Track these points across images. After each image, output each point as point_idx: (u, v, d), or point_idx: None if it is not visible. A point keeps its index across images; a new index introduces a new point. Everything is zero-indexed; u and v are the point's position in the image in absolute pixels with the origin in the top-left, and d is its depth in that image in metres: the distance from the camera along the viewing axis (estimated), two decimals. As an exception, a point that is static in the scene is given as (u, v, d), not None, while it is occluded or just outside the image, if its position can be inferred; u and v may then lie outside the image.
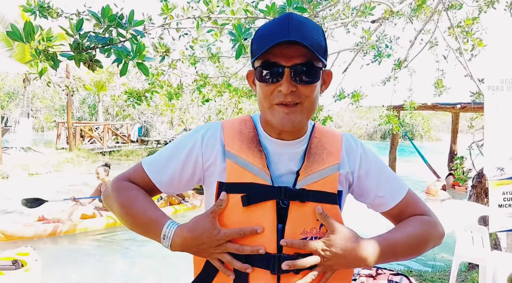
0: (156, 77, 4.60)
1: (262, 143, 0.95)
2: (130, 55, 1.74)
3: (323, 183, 0.91)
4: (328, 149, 0.96)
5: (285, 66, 0.85)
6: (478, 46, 4.47)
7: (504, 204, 2.93)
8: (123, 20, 1.79)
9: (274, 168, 0.92)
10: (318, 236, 0.89)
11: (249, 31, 2.25)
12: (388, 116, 5.80)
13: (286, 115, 0.87)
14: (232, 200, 0.88)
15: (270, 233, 0.87)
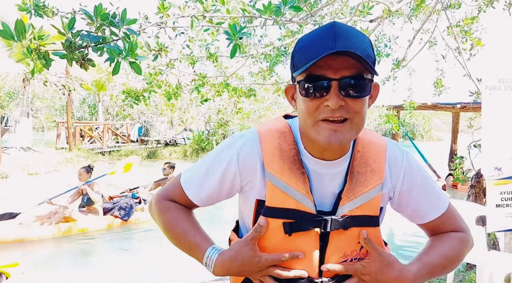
0: (154, 76, 4.59)
1: (304, 163, 0.89)
2: (122, 54, 1.73)
3: (366, 207, 0.89)
4: (371, 166, 0.91)
5: (332, 78, 0.78)
6: (477, 45, 4.46)
7: (502, 204, 2.92)
8: (116, 19, 1.77)
9: (317, 192, 0.88)
10: (358, 257, 0.89)
11: (244, 30, 2.24)
12: (388, 116, 5.78)
13: (333, 132, 0.80)
14: (274, 225, 0.86)
15: (312, 259, 0.87)
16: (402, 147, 0.98)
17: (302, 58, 0.81)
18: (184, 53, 3.93)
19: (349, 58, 0.78)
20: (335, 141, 0.80)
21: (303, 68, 0.79)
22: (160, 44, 3.75)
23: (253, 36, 5.61)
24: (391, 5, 3.86)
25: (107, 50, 1.74)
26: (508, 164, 2.90)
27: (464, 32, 4.66)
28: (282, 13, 2.37)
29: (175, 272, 4.69)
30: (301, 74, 0.81)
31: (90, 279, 4.53)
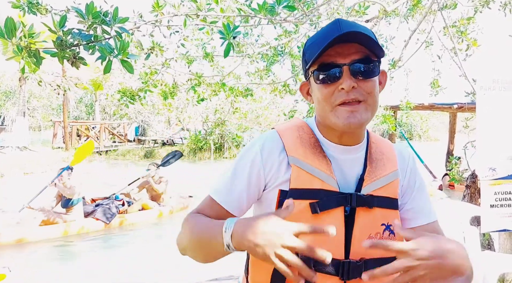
0: (150, 76, 4.57)
1: (324, 149, 0.93)
2: (114, 53, 1.72)
3: (387, 188, 0.92)
4: (387, 155, 0.97)
5: (343, 64, 0.85)
6: (473, 46, 4.47)
7: (496, 204, 2.92)
8: (107, 17, 1.76)
9: (339, 174, 0.92)
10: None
11: (239, 29, 2.23)
12: (384, 116, 5.79)
13: (351, 113, 0.85)
14: (299, 206, 0.86)
15: (338, 239, 0.87)
16: (409, 150, 1.04)
17: (313, 52, 0.87)
18: (180, 53, 3.92)
19: (355, 44, 0.85)
20: (354, 121, 0.85)
21: (315, 57, 0.85)
22: (156, 43, 3.74)
23: (250, 36, 5.60)
24: (387, 5, 3.85)
25: (98, 48, 1.73)
26: (502, 164, 2.91)
27: (460, 33, 4.67)
28: (277, 12, 2.37)
29: (157, 276, 4.66)
30: (313, 65, 0.88)
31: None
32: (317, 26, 4.60)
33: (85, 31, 1.76)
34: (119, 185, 10.64)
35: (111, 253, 5.48)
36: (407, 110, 6.21)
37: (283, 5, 2.26)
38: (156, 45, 3.80)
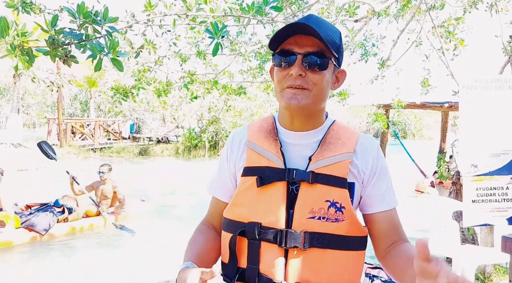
0: (143, 73, 4.62)
1: (279, 135, 1.04)
2: (104, 51, 1.78)
3: (333, 167, 0.97)
4: (343, 141, 1.01)
5: (298, 53, 0.94)
6: (460, 46, 4.56)
7: (478, 199, 3.02)
8: (98, 17, 1.82)
9: (289, 156, 1.00)
10: (326, 217, 0.93)
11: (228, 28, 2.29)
12: (376, 115, 5.88)
13: (293, 95, 0.94)
14: (249, 182, 0.98)
15: (280, 210, 0.95)
16: (375, 140, 1.08)
17: (276, 37, 0.96)
18: (173, 51, 3.97)
19: (314, 39, 0.93)
20: (294, 102, 0.95)
21: (279, 41, 0.96)
22: (148, 41, 3.80)
23: (244, 34, 5.66)
24: (376, 6, 3.93)
25: (89, 47, 1.79)
26: (484, 161, 3.00)
27: (448, 33, 4.76)
28: (265, 12, 2.43)
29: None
30: (277, 50, 0.98)
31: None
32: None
33: (77, 31, 1.82)
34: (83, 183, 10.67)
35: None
36: (398, 108, 6.30)
37: (270, 6, 2.32)
38: (149, 43, 3.86)
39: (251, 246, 0.95)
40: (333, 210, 0.94)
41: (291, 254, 0.93)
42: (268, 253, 0.94)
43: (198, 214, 1.12)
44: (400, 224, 1.04)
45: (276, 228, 0.93)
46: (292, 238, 0.92)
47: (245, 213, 0.98)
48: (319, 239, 0.93)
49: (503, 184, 3.04)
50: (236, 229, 0.97)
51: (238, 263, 0.97)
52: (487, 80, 3.00)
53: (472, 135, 3.01)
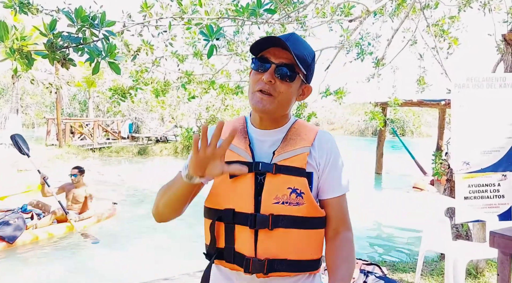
0: (140, 74, 4.67)
1: (249, 133, 1.17)
2: (101, 55, 1.83)
3: (293, 159, 1.11)
4: (302, 137, 1.16)
5: (272, 62, 1.07)
6: (454, 44, 4.61)
7: (470, 196, 3.08)
8: (96, 21, 1.87)
9: (257, 151, 1.14)
10: (289, 201, 1.08)
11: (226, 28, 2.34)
12: (373, 113, 5.93)
13: (260, 100, 1.07)
14: (222, 175, 1.06)
15: (249, 197, 1.09)
16: (331, 135, 1.22)
17: (258, 44, 1.09)
18: (170, 51, 4.02)
19: (289, 54, 1.07)
20: (259, 106, 1.08)
21: (259, 48, 1.09)
22: (146, 41, 3.85)
23: (241, 34, 5.70)
24: (370, 6, 3.98)
25: (87, 51, 1.83)
26: (475, 158, 3.05)
27: (442, 31, 4.81)
28: (260, 14, 2.48)
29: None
30: (256, 56, 1.11)
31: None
32: (304, 25, 4.72)
33: (74, 34, 1.87)
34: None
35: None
36: (395, 106, 6.36)
37: (264, 8, 2.37)
38: (146, 44, 3.90)
39: (227, 229, 1.10)
40: (294, 196, 1.09)
41: (260, 234, 1.08)
42: (241, 234, 1.09)
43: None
44: (347, 210, 1.19)
45: (247, 212, 1.08)
46: (261, 220, 1.07)
47: (221, 201, 1.12)
48: (283, 220, 1.08)
49: (494, 180, 3.09)
50: (215, 215, 1.12)
51: (217, 244, 1.13)
52: (479, 79, 3.05)
53: (464, 133, 3.06)
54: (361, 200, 8.17)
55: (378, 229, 6.85)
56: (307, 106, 5.52)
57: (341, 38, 4.95)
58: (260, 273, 1.08)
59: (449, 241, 2.80)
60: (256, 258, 1.08)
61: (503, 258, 2.05)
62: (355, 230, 1.21)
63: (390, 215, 7.27)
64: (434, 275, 3.39)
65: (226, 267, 1.14)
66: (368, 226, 6.79)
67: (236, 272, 1.13)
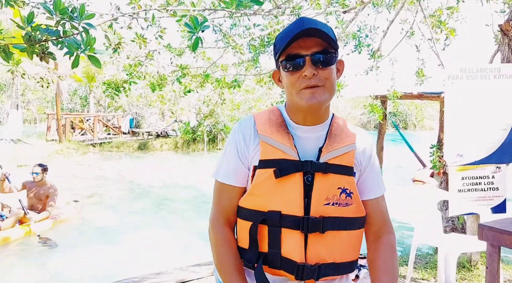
0: (134, 68, 4.64)
1: (289, 128, 1.10)
2: (80, 48, 1.80)
3: (342, 158, 1.07)
4: (346, 133, 1.13)
5: (306, 54, 1.02)
6: (450, 35, 4.55)
7: (463, 189, 3.05)
8: (75, 14, 1.84)
9: (301, 148, 1.07)
10: (339, 202, 1.04)
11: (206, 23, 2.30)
12: (372, 106, 5.88)
13: (312, 94, 1.02)
14: (266, 174, 1.04)
15: (298, 199, 1.03)
16: (370, 135, 1.21)
17: (281, 45, 1.04)
18: (163, 44, 3.98)
19: (316, 39, 1.01)
20: (314, 101, 1.02)
21: (282, 49, 1.03)
22: (140, 35, 3.81)
23: (238, 27, 5.65)
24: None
25: (66, 44, 1.80)
26: (469, 151, 3.02)
27: (439, 22, 4.74)
28: (248, 5, 2.44)
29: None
30: (281, 55, 1.05)
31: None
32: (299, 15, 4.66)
33: (53, 27, 1.84)
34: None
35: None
36: (394, 99, 6.31)
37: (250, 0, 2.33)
38: (139, 37, 3.87)
39: (272, 233, 1.03)
40: (344, 196, 1.05)
41: (311, 238, 1.02)
42: (289, 238, 1.02)
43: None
44: (387, 211, 1.18)
45: (295, 215, 1.02)
46: (313, 224, 1.02)
47: (263, 202, 1.05)
48: (334, 222, 1.04)
49: (488, 173, 3.06)
50: (255, 217, 1.05)
51: (259, 248, 1.05)
52: (473, 70, 3.00)
53: (458, 124, 3.02)
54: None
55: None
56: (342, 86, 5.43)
57: (336, 30, 4.90)
58: (311, 279, 1.03)
59: (441, 234, 2.78)
60: (307, 263, 1.02)
61: (492, 251, 2.03)
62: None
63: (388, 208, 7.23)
64: (428, 268, 3.37)
65: (269, 273, 1.06)
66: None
67: (281, 278, 1.07)
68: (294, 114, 1.11)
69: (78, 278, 4.42)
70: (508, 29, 3.50)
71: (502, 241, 1.97)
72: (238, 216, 1.11)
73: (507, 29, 3.51)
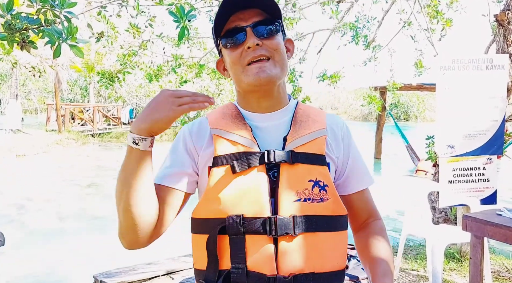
0: (128, 57, 4.62)
1: (246, 119, 0.96)
2: (62, 37, 1.79)
3: (311, 145, 0.92)
4: (313, 118, 0.98)
5: (246, 26, 0.90)
6: (446, 26, 4.50)
7: (454, 180, 3.04)
8: (56, 2, 1.82)
9: (261, 139, 0.93)
10: (311, 198, 0.87)
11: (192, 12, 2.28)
12: (370, 97, 5.86)
13: (260, 69, 0.88)
14: (222, 171, 0.88)
15: (263, 197, 0.86)
16: (341, 119, 1.06)
17: (217, 22, 0.92)
18: (146, 33, 3.94)
19: (256, 9, 0.90)
20: (263, 75, 0.88)
21: (220, 26, 0.91)
22: (133, 24, 3.78)
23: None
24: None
25: (46, 33, 1.79)
26: (460, 142, 3.01)
27: (436, 13, 4.69)
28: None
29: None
30: (221, 35, 0.93)
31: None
32: (294, 6, 4.62)
33: (33, 16, 1.82)
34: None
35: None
36: (393, 90, 6.28)
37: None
38: (133, 26, 3.84)
39: (234, 243, 0.84)
40: (317, 190, 0.88)
41: (281, 243, 0.84)
42: (256, 246, 0.84)
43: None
44: (373, 200, 1.06)
45: (262, 217, 0.84)
46: (282, 224, 0.84)
47: (221, 207, 0.86)
48: (308, 221, 0.86)
49: (479, 164, 3.05)
50: (213, 227, 0.86)
51: (220, 265, 0.86)
52: (465, 60, 2.98)
53: (449, 116, 3.00)
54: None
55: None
56: (301, 91, 5.46)
57: (334, 21, 4.86)
58: None
59: (430, 225, 2.79)
60: (280, 275, 0.83)
61: (475, 242, 2.04)
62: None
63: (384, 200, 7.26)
64: (418, 259, 3.38)
65: None
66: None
67: None
68: (247, 102, 0.97)
69: (73, 266, 4.46)
70: (503, 19, 3.46)
71: (485, 232, 1.97)
72: (192, 231, 0.92)
73: (502, 19, 3.47)
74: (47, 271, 4.33)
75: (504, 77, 3.00)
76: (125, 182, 0.84)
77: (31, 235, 5.37)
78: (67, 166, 10.30)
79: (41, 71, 5.88)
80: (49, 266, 4.47)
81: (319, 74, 5.02)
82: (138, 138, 0.82)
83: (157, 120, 0.81)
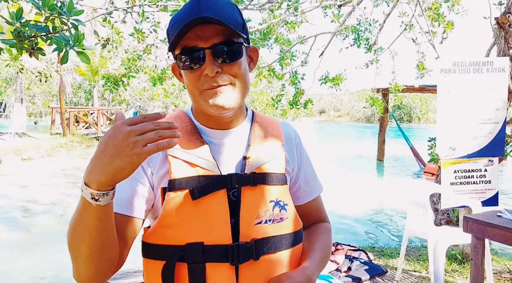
0: (132, 62, 4.68)
1: (202, 136, 0.89)
2: (69, 44, 1.84)
3: (271, 164, 0.89)
4: (271, 133, 0.95)
5: (204, 48, 0.79)
6: (448, 29, 4.53)
7: (455, 182, 3.06)
8: (63, 9, 1.87)
9: (220, 158, 0.87)
10: (272, 218, 0.86)
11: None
12: (372, 99, 5.89)
13: (218, 96, 0.81)
14: (180, 196, 0.82)
15: (224, 223, 0.82)
16: (293, 127, 1.03)
17: (174, 33, 0.80)
18: (151, 38, 4.01)
19: (216, 26, 0.79)
20: (221, 103, 0.81)
21: (175, 41, 0.80)
22: (138, 29, 3.84)
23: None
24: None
25: (54, 40, 1.84)
26: (461, 144, 3.03)
27: (437, 15, 4.72)
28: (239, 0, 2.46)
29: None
30: (177, 49, 0.83)
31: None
32: (296, 10, 4.66)
33: (42, 23, 1.87)
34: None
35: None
36: (395, 92, 6.30)
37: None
38: (138, 32, 3.90)
39: (194, 272, 0.80)
40: (278, 210, 0.87)
41: (242, 270, 0.82)
42: (216, 275, 0.81)
43: None
44: (323, 206, 1.07)
45: (222, 244, 0.81)
46: (244, 251, 0.82)
47: (179, 234, 0.81)
48: (269, 243, 0.85)
49: (481, 166, 3.07)
50: (170, 254, 0.81)
51: None
52: (465, 63, 3.00)
53: (450, 118, 3.03)
54: (360, 188, 8.18)
55: (372, 215, 6.86)
56: (304, 93, 5.49)
57: (336, 24, 4.89)
58: None
59: (431, 226, 2.81)
60: None
61: (476, 243, 2.06)
62: (351, 217, 1.10)
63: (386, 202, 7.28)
64: (420, 260, 3.40)
65: None
66: (362, 213, 6.81)
67: None
68: (203, 117, 0.90)
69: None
70: (504, 22, 3.49)
71: (486, 233, 2.00)
72: (144, 255, 0.86)
73: (503, 22, 3.49)
74: (53, 274, 4.37)
75: (505, 80, 3.03)
76: (84, 238, 0.75)
77: (37, 237, 5.42)
78: (72, 169, 10.38)
79: (47, 76, 5.92)
80: (55, 268, 4.51)
81: (321, 76, 5.06)
82: (98, 194, 0.67)
83: (119, 170, 0.65)
